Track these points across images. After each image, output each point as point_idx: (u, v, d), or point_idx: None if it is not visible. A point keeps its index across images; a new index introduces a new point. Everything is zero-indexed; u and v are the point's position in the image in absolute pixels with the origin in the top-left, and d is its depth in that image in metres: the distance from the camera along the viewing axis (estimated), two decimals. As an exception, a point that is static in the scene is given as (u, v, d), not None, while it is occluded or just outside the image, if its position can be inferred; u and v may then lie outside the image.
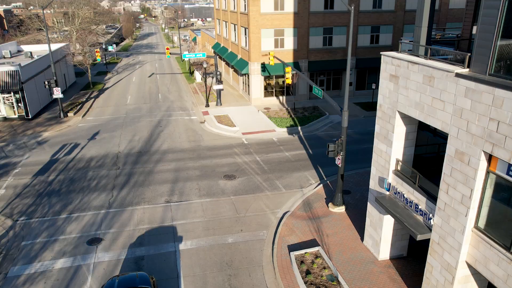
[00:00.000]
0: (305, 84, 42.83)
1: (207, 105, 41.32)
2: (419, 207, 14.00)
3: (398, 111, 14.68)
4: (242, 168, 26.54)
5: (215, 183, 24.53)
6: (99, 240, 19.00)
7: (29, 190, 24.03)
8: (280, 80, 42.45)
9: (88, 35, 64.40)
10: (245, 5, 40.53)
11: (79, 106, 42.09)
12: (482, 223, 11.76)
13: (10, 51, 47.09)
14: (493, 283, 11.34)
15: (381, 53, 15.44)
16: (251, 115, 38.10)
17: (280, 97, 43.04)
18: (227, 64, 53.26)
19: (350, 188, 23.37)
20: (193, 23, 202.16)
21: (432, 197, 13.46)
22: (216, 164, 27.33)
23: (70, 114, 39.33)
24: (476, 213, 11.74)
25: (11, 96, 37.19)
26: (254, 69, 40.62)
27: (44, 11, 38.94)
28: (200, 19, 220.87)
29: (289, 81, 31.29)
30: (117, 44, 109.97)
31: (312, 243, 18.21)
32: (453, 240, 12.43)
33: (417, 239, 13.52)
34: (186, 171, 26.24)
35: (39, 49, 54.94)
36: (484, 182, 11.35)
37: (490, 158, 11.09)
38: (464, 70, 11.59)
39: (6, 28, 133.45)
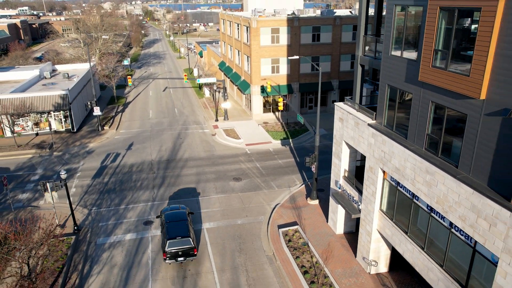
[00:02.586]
0: (297, 103, 52.02)
1: (217, 120, 50.52)
2: (355, 198, 23.21)
3: (344, 140, 23.85)
4: (246, 173, 35.71)
5: (227, 184, 33.71)
6: (151, 222, 28.21)
7: (92, 189, 33.25)
8: (277, 98, 51.60)
9: (109, 53, 73.71)
10: (247, 38, 49.71)
11: (111, 120, 51.32)
12: (383, 207, 20.94)
13: (49, 72, 56.57)
14: (387, 240, 20.55)
15: (334, 103, 24.62)
16: (253, 129, 47.31)
17: (276, 113, 52.28)
18: (232, 81, 62.42)
19: (324, 187, 32.56)
20: (195, 28, 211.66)
21: (360, 192, 22.65)
22: (226, 169, 36.51)
23: (106, 127, 48.55)
24: (380, 201, 20.93)
25: (60, 113, 46.40)
26: (255, 90, 49.85)
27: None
28: (202, 24, 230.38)
29: (281, 108, 40.59)
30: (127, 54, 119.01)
31: (293, 224, 27.43)
32: (370, 217, 21.62)
33: (352, 217, 22.75)
34: (205, 175, 35.44)
35: (70, 68, 64.37)
36: (382, 184, 20.53)
37: (384, 171, 20.27)
38: (372, 122, 20.79)
39: (23, 38, 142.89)
